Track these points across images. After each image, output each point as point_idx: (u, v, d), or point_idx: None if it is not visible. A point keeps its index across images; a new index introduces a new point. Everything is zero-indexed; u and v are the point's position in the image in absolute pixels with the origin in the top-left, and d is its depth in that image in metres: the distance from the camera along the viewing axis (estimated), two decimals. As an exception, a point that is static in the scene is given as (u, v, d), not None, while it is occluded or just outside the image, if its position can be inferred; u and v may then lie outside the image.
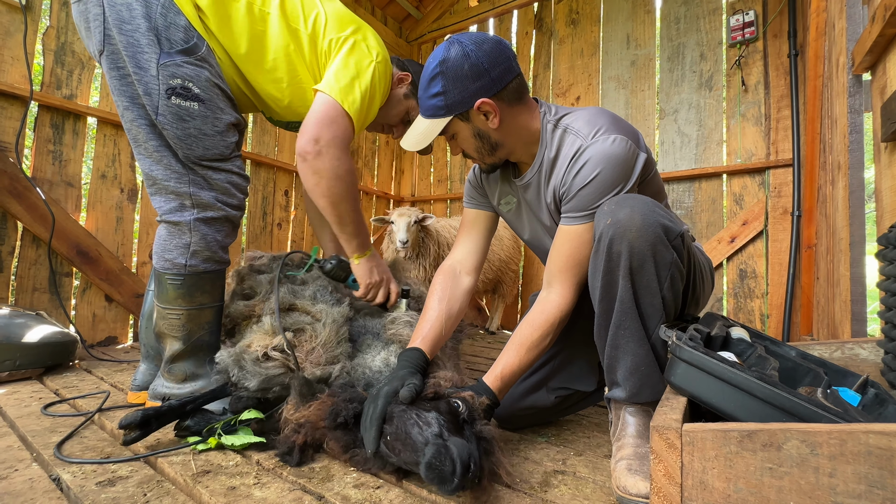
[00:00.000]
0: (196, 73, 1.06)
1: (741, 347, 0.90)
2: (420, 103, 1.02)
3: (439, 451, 0.68)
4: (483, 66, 0.94)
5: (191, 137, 1.07)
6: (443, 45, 0.98)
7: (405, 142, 1.04)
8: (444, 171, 3.86)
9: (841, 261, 1.47)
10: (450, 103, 0.97)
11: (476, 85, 0.95)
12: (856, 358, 1.04)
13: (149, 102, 1.04)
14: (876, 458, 0.50)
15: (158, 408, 0.95)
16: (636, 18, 2.96)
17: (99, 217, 2.16)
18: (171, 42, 1.04)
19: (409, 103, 1.41)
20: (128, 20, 1.01)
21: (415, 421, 0.76)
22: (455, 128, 1.02)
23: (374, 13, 3.78)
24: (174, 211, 1.10)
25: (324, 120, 1.12)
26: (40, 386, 1.43)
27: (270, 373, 0.99)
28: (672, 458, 0.61)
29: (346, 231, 1.23)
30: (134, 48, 1.01)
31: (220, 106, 1.12)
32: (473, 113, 0.98)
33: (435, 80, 0.97)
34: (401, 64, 1.42)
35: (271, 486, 0.81)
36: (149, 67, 1.02)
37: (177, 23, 1.04)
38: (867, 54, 1.27)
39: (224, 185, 1.14)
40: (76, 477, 0.82)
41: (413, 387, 0.85)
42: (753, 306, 2.50)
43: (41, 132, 1.98)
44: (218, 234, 1.15)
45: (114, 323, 2.20)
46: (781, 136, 2.43)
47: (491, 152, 1.06)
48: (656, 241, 0.83)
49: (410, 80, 1.40)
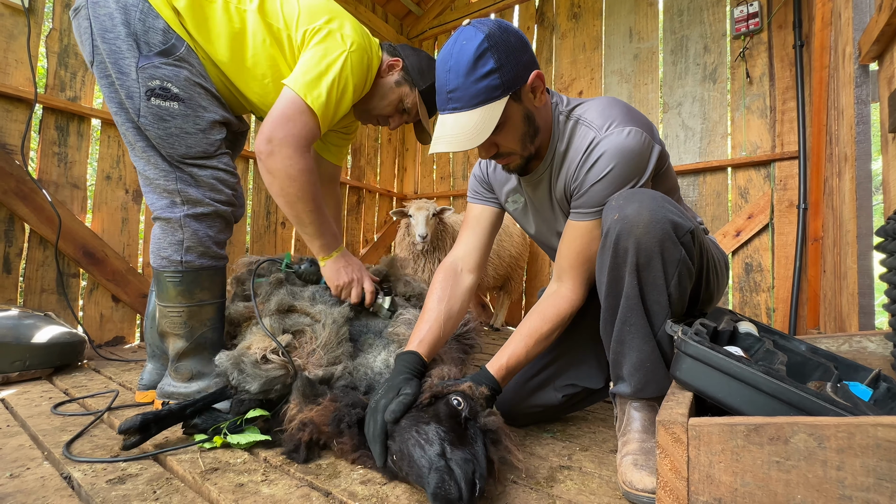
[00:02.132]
0: (174, 74, 1.08)
1: (749, 342, 0.89)
2: (457, 95, 0.87)
3: (442, 478, 0.68)
4: (523, 38, 0.88)
5: (172, 136, 1.09)
6: (467, 29, 0.88)
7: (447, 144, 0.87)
8: (446, 168, 3.85)
9: (848, 253, 1.45)
10: (507, 79, 0.85)
11: (526, 57, 0.87)
12: (864, 351, 1.03)
13: (131, 105, 1.07)
14: (884, 451, 0.50)
15: (158, 412, 0.96)
16: (639, 11, 2.94)
17: (104, 218, 2.18)
18: (150, 45, 1.07)
19: (401, 90, 1.34)
20: (109, 28, 1.05)
21: (416, 441, 0.76)
22: (508, 112, 0.89)
23: (375, 10, 3.77)
24: (165, 208, 1.12)
25: (280, 118, 1.11)
26: (50, 386, 1.45)
27: (271, 374, 0.99)
28: (678, 452, 0.61)
29: (307, 232, 1.20)
30: (116, 55, 1.05)
31: (201, 104, 1.13)
32: (525, 91, 0.89)
33: (483, 56, 0.84)
34: (392, 50, 1.36)
35: (279, 483, 0.82)
36: (129, 72, 1.05)
37: (155, 26, 1.07)
38: (874, 44, 1.25)
39: (210, 182, 1.15)
40: (87, 475, 0.83)
41: (405, 398, 0.83)
42: (759, 300, 2.48)
43: (46, 134, 1.99)
44: (210, 229, 1.17)
45: (121, 323, 2.22)
46: (787, 129, 2.40)
47: (532, 139, 0.96)
48: (664, 237, 0.81)
49: (402, 65, 1.34)
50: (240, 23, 1.15)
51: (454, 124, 0.88)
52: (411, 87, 1.35)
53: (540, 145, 1.00)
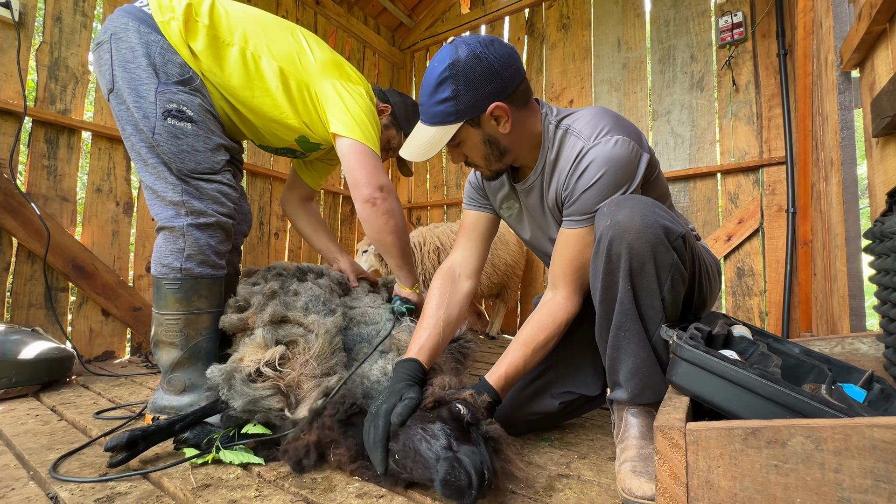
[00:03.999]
0: (190, 100, 1.19)
1: (743, 345, 0.89)
2: (423, 110, 0.97)
3: (452, 465, 0.67)
4: (495, 67, 0.90)
5: (184, 153, 1.18)
6: (447, 48, 0.92)
7: (407, 152, 0.99)
8: (440, 177, 3.87)
9: (837, 256, 1.47)
10: (461, 108, 0.91)
11: (489, 88, 0.91)
12: (856, 353, 1.04)
13: (146, 125, 1.15)
14: (881, 452, 0.50)
15: (146, 428, 0.95)
16: (626, 22, 2.99)
17: (95, 231, 2.15)
18: (168, 75, 1.17)
19: (389, 133, 1.55)
20: (130, 60, 1.16)
21: (421, 436, 0.75)
22: (463, 134, 0.96)
23: (367, 22, 3.81)
24: (170, 218, 1.18)
25: (372, 166, 1.29)
26: (37, 403, 1.42)
27: (258, 394, 0.96)
28: (677, 457, 0.60)
29: (408, 262, 1.40)
30: (135, 82, 1.15)
31: (211, 128, 1.23)
32: (485, 118, 0.94)
33: (443, 84, 0.91)
34: (381, 95, 1.53)
35: (273, 499, 0.80)
36: (147, 95, 1.15)
37: (173, 60, 1.18)
38: (855, 52, 1.28)
39: (214, 195, 1.22)
40: (74, 494, 0.81)
41: (410, 401, 0.83)
42: (752, 304, 2.50)
43: (35, 147, 1.97)
44: (211, 239, 1.21)
45: (111, 337, 2.18)
46: (774, 135, 2.44)
47: (499, 159, 1.01)
48: (656, 242, 0.82)
49: (390, 111, 1.53)
50: (255, 66, 1.27)
51: (417, 134, 0.98)
52: (397, 130, 1.57)
53: (519, 156, 1.04)
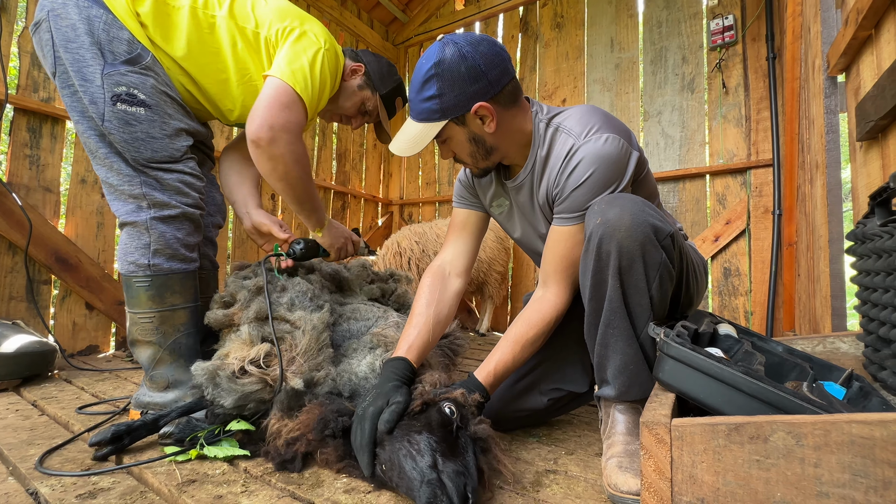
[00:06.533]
0: (141, 81, 1.10)
1: (728, 343, 0.91)
2: (411, 106, 0.98)
3: (434, 492, 0.67)
4: (480, 67, 0.91)
5: (138, 141, 1.09)
6: (435, 46, 0.93)
7: (394, 146, 1.00)
8: (432, 173, 3.86)
9: (821, 257, 1.50)
10: (445, 107, 0.93)
11: (473, 88, 0.92)
12: (837, 352, 1.06)
13: (94, 111, 1.06)
14: (859, 448, 0.51)
15: (130, 423, 0.94)
16: (619, 22, 3.01)
17: (79, 223, 2.11)
18: (115, 54, 1.07)
19: (363, 94, 1.42)
20: (72, 39, 1.05)
21: (407, 451, 0.74)
22: (449, 132, 0.98)
23: (360, 16, 3.78)
24: (131, 212, 1.11)
25: (275, 105, 1.12)
26: (17, 398, 1.38)
27: (247, 389, 0.95)
28: (662, 453, 0.61)
29: (306, 209, 1.28)
30: (79, 63, 1.05)
31: (167, 112, 1.14)
32: (470, 117, 0.95)
33: (429, 82, 0.92)
34: (354, 55, 1.42)
35: (259, 494, 0.80)
36: (93, 79, 1.06)
37: (119, 36, 1.08)
38: (841, 57, 1.31)
39: (176, 185, 1.15)
40: (55, 490, 0.79)
41: (397, 406, 0.82)
42: (738, 303, 2.54)
43: (17, 136, 1.92)
44: (178, 231, 1.16)
45: (95, 331, 2.14)
46: (761, 137, 2.48)
47: (485, 157, 1.02)
48: (645, 240, 0.83)
49: (364, 70, 1.41)
50: (209, 28, 1.17)
51: (405, 129, 0.99)
52: (372, 91, 1.43)
53: (508, 154, 1.05)
